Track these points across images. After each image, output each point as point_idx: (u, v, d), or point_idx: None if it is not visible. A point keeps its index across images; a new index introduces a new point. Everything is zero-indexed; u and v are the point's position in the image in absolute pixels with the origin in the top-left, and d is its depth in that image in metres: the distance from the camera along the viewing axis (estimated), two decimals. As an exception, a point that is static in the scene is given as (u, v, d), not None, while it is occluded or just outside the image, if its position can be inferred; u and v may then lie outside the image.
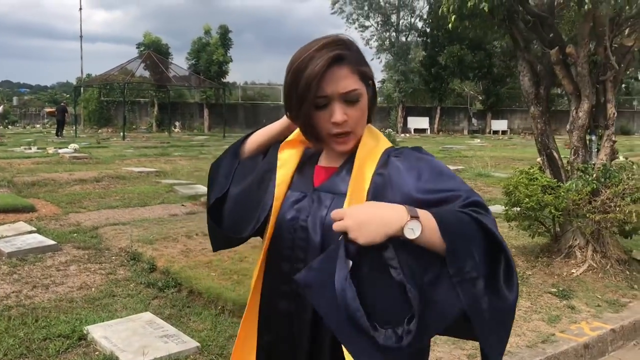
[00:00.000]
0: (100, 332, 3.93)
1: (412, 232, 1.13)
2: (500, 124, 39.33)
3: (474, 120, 40.73)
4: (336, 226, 1.18)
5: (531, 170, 5.82)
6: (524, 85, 5.87)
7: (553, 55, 5.44)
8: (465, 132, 39.62)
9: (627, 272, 5.49)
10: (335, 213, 1.20)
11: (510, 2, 5.34)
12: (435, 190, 1.27)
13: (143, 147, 19.79)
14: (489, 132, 38.83)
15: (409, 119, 38.59)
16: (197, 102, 37.28)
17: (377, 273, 1.15)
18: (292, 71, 1.32)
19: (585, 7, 4.81)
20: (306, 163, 1.50)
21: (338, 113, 1.32)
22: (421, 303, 1.10)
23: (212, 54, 35.51)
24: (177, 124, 35.21)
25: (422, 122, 38.65)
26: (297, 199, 1.43)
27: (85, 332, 3.96)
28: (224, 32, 36.89)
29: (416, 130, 37.52)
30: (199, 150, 19.40)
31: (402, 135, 33.81)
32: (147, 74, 32.29)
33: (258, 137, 1.62)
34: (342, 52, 1.31)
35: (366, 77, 1.37)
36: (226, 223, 1.57)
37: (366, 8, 37.50)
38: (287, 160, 1.51)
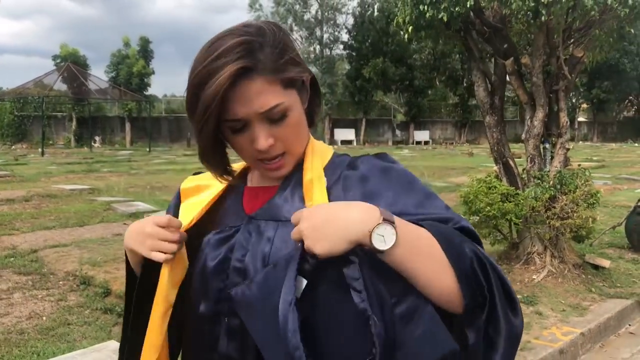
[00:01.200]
0: (64, 366, 3.61)
1: (382, 240, 0.86)
2: (422, 135, 40.43)
3: (397, 131, 41.72)
4: (293, 233, 0.92)
5: (488, 179, 5.90)
6: (478, 95, 5.97)
7: (508, 66, 5.57)
8: (390, 142, 40.48)
9: (584, 276, 5.66)
10: (294, 216, 0.94)
11: (467, 13, 5.41)
12: (421, 213, 1.00)
13: (66, 164, 18.86)
14: (412, 143, 39.79)
15: (336, 130, 38.97)
16: (118, 115, 36.07)
17: (335, 297, 0.87)
18: (190, 85, 1.00)
19: (543, 18, 4.93)
20: (228, 188, 1.17)
21: (261, 138, 1.01)
22: (388, 342, 0.85)
23: (132, 66, 34.62)
24: (97, 138, 33.87)
25: (349, 134, 39.13)
26: (225, 236, 1.09)
27: (46, 366, 3.62)
28: (144, 43, 36.10)
29: (343, 142, 37.89)
30: (128, 165, 18.69)
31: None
32: (64, 87, 31.00)
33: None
34: (247, 63, 0.97)
35: (294, 80, 1.04)
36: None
37: (290, 22, 37.68)
38: (191, 206, 1.19)
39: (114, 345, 3.97)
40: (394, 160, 1.12)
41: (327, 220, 0.89)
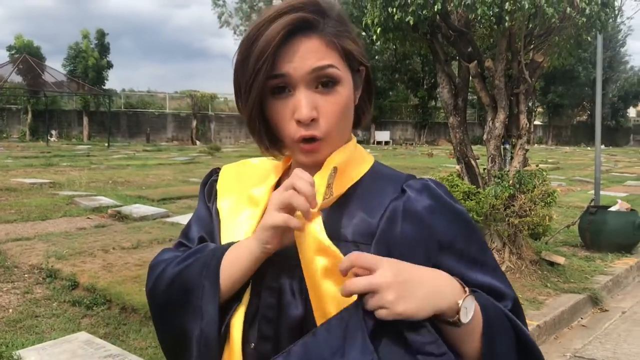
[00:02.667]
0: (34, 357, 3.61)
1: (466, 314, 0.83)
2: (383, 135, 40.85)
3: (358, 131, 42.00)
4: (361, 284, 0.80)
5: (450, 178, 6.10)
6: (443, 97, 6.16)
7: (472, 69, 5.76)
8: (351, 142, 40.72)
9: (540, 272, 5.91)
10: (356, 258, 0.81)
11: (434, 17, 5.58)
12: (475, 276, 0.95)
13: (23, 157, 18.42)
14: (373, 143, 40.14)
15: (297, 129, 39.02)
16: (75, 109, 35.31)
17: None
18: (242, 45, 0.93)
19: (506, 24, 5.14)
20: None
21: (304, 106, 0.90)
22: None
23: (87, 60, 34.01)
24: (53, 132, 33.08)
25: (310, 133, 39.22)
26: None
27: (16, 357, 3.62)
28: (100, 36, 35.53)
29: (304, 141, 37.97)
30: (88, 160, 18.38)
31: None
32: (19, 78, 30.21)
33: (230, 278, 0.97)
34: (308, 16, 0.90)
35: (352, 58, 0.95)
36: None
37: (254, 18, 37.54)
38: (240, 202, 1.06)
39: (84, 336, 3.99)
40: (453, 196, 1.02)
41: (418, 282, 0.82)
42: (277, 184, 1.05)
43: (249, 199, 1.04)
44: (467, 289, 0.84)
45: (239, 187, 1.08)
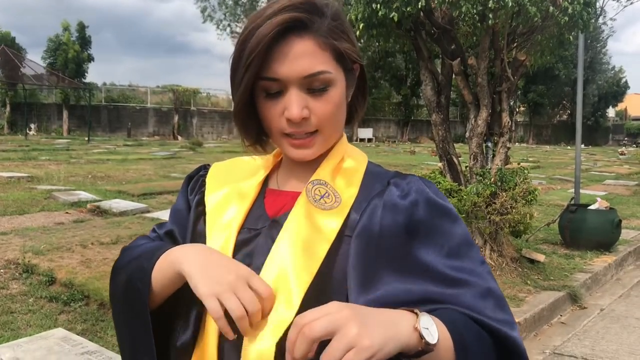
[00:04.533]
0: (9, 354, 3.54)
1: (430, 333, 0.78)
2: (366, 132, 40.90)
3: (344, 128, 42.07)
4: (321, 324, 0.74)
5: (433, 175, 6.11)
6: (425, 94, 6.16)
7: (455, 66, 5.77)
8: (334, 139, 40.76)
9: (520, 269, 5.95)
10: (299, 320, 0.77)
11: (417, 13, 5.57)
12: (460, 269, 0.91)
13: (1, 151, 18.10)
14: (356, 140, 40.18)
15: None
16: (55, 103, 34.85)
17: None
18: (237, 43, 0.94)
19: (490, 21, 5.15)
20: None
21: (294, 106, 0.91)
22: None
23: (67, 52, 33.57)
24: (32, 126, 32.63)
25: (293, 129, 39.19)
26: (243, 239, 0.98)
27: (-10, 354, 3.55)
28: (80, 29, 35.08)
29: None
30: (67, 154, 18.12)
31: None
32: (-2, 71, 29.76)
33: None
34: (302, 16, 0.90)
35: (345, 57, 0.95)
36: None
37: (239, 13, 37.30)
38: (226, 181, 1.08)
39: (61, 333, 3.92)
40: (442, 194, 1.00)
41: (371, 313, 0.79)
42: (266, 179, 1.07)
43: (237, 193, 1.04)
44: (416, 310, 0.80)
45: (228, 182, 1.07)
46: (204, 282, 0.87)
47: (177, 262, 0.92)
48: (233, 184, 1.06)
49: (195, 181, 1.13)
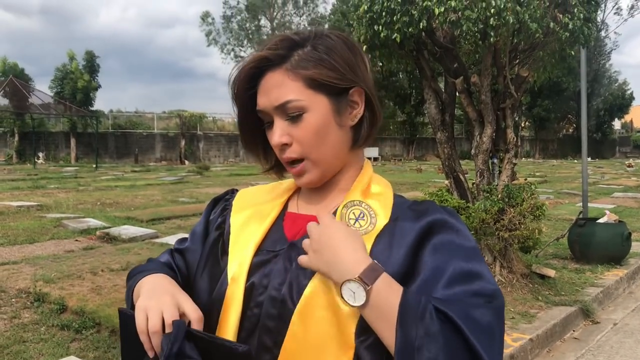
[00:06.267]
0: (22, 383, 3.55)
1: (352, 296, 0.87)
2: (372, 151, 40.94)
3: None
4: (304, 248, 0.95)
5: (440, 193, 6.12)
6: (430, 113, 6.19)
7: (458, 84, 5.80)
8: (340, 159, 40.84)
9: (531, 285, 5.92)
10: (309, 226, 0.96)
11: (419, 34, 5.63)
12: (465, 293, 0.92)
13: (10, 180, 18.27)
14: (362, 159, 40.27)
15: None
16: (63, 131, 35.15)
17: None
18: (228, 83, 1.07)
19: (491, 39, 5.19)
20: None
21: (275, 134, 1.00)
22: None
23: (76, 81, 33.88)
24: (40, 154, 32.90)
25: (299, 150, 39.30)
26: (263, 260, 1.01)
27: (3, 384, 3.56)
28: (90, 57, 35.44)
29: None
30: (75, 182, 18.25)
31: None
32: (6, 101, 30.07)
33: None
34: (269, 53, 0.99)
35: (318, 84, 0.99)
36: None
37: (242, 37, 37.72)
38: (252, 204, 1.14)
39: (73, 361, 3.93)
40: (460, 220, 1.03)
41: (331, 246, 0.91)
42: (287, 202, 1.13)
43: (258, 214, 1.10)
44: (359, 275, 0.87)
45: (252, 205, 1.13)
46: (142, 298, 0.96)
47: (138, 287, 1.04)
48: (256, 207, 1.12)
49: (220, 204, 1.19)
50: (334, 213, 1.02)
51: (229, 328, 0.98)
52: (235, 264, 1.02)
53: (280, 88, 0.99)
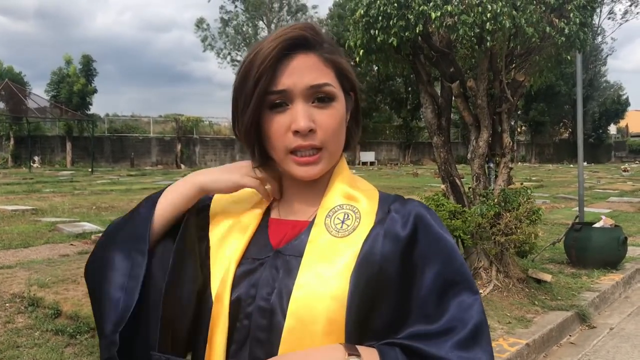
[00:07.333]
0: (16, 388, 3.52)
1: None
2: (368, 156, 41.03)
3: (344, 153, 42.21)
4: None
5: (436, 197, 6.11)
6: (426, 117, 6.19)
7: (454, 89, 5.81)
8: (337, 163, 40.85)
9: (527, 290, 5.91)
10: None
11: (415, 38, 5.63)
12: (448, 309, 0.92)
13: (5, 184, 18.20)
14: (358, 163, 40.27)
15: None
16: (58, 135, 35.07)
17: None
18: (242, 64, 0.97)
19: (487, 44, 5.19)
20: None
21: (301, 117, 0.93)
22: None
23: (72, 85, 33.86)
24: (36, 158, 32.82)
25: (296, 155, 39.32)
26: (249, 269, 0.97)
27: (-4, 389, 3.53)
28: (87, 61, 35.42)
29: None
30: (71, 186, 18.22)
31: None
32: (1, 105, 30.04)
33: (163, 211, 1.04)
34: (307, 34, 0.96)
35: (346, 79, 1.00)
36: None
37: (239, 42, 37.77)
38: (230, 212, 1.07)
39: (67, 366, 3.90)
40: (437, 216, 1.02)
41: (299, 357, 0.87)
42: (268, 209, 1.08)
43: (238, 225, 1.04)
44: (348, 351, 0.85)
45: (231, 214, 1.07)
46: (228, 171, 1.06)
47: (189, 179, 1.06)
48: (235, 217, 1.06)
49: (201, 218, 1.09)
50: (314, 219, 0.99)
51: (217, 346, 0.95)
52: (217, 281, 0.97)
53: (315, 71, 0.95)
